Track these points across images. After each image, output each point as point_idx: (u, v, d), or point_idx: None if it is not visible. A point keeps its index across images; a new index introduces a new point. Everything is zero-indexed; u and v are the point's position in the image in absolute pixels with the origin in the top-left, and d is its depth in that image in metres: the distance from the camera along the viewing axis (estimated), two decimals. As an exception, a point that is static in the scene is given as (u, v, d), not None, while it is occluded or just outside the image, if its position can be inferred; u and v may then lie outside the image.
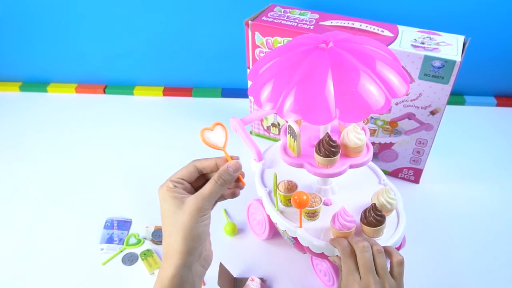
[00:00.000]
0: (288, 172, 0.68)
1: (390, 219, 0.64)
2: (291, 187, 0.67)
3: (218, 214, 0.83)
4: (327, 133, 0.58)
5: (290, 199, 0.65)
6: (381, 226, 0.60)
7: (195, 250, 0.49)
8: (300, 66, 0.53)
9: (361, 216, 0.61)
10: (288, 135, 0.62)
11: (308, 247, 0.64)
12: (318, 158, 0.59)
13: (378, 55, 0.55)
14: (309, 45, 0.55)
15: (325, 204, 0.67)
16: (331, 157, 0.58)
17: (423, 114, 0.79)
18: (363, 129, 0.65)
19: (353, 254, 0.56)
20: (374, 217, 0.59)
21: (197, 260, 0.50)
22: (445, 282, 0.71)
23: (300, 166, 0.61)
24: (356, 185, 0.70)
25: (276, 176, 0.64)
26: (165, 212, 0.50)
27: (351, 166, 0.60)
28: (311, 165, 0.60)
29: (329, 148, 0.57)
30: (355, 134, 0.59)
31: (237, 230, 0.79)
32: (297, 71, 0.53)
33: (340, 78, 0.51)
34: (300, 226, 0.64)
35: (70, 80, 1.21)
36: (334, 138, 0.58)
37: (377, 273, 0.54)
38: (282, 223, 0.66)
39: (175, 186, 0.50)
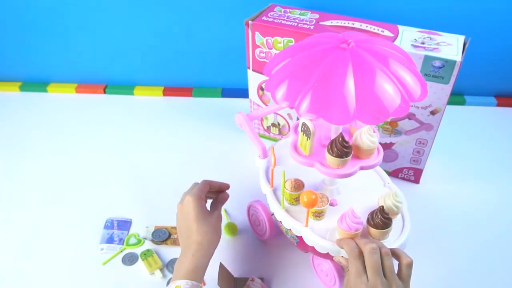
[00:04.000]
0: (293, 170, 0.68)
1: (395, 222, 0.64)
2: (298, 185, 0.67)
3: (218, 214, 0.83)
4: (341, 133, 0.58)
5: (296, 198, 0.65)
6: (387, 229, 0.59)
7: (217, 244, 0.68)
8: (320, 65, 0.53)
9: (367, 218, 0.61)
10: (301, 133, 0.61)
11: (313, 247, 0.64)
12: (330, 158, 0.58)
13: (397, 57, 0.55)
14: (329, 44, 0.55)
15: (331, 204, 0.67)
16: (343, 158, 0.57)
17: (423, 114, 0.79)
18: (374, 131, 0.65)
19: (361, 256, 0.56)
20: (381, 219, 0.59)
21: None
22: (445, 283, 0.71)
23: (311, 165, 0.61)
24: (360, 187, 0.69)
25: (285, 174, 0.64)
26: (198, 212, 0.66)
27: (361, 168, 0.60)
28: (322, 165, 0.60)
29: (341, 149, 0.57)
30: (368, 137, 0.59)
31: (237, 230, 0.79)
32: (316, 69, 0.53)
33: (361, 79, 0.51)
34: (306, 226, 0.64)
35: (70, 80, 1.21)
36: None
37: (384, 275, 0.54)
38: (287, 222, 0.66)
39: (202, 197, 0.69)
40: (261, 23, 0.82)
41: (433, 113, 0.78)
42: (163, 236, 0.78)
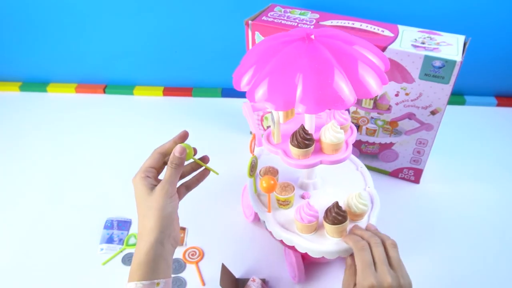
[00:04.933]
0: (279, 163, 0.69)
1: (359, 224, 0.65)
2: (270, 172, 0.69)
3: (220, 218, 0.83)
4: (302, 125, 0.59)
5: None
6: (341, 225, 0.60)
7: (166, 228, 0.56)
8: (277, 55, 0.54)
9: (324, 213, 0.62)
10: (271, 122, 0.63)
11: (271, 231, 0.66)
12: (291, 148, 0.60)
13: (360, 55, 0.56)
14: (294, 36, 0.56)
15: (303, 197, 0.69)
16: (302, 149, 0.59)
17: (424, 114, 0.79)
18: (350, 128, 0.66)
19: (366, 248, 0.57)
20: (334, 216, 0.59)
21: (167, 238, 0.56)
22: (445, 282, 0.71)
23: (276, 153, 0.63)
24: (340, 186, 0.71)
25: (253, 160, 0.66)
26: (138, 198, 0.57)
27: (321, 162, 0.61)
28: (284, 153, 0.62)
29: (302, 140, 0.58)
30: (333, 133, 0.60)
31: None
32: (273, 59, 0.54)
33: (312, 71, 0.52)
34: (269, 211, 0.66)
35: (70, 80, 1.21)
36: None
37: (391, 265, 0.55)
38: (255, 205, 0.68)
39: (147, 176, 0.58)
40: (261, 23, 0.81)
41: (433, 113, 0.78)
42: (163, 236, 0.78)
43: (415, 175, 0.89)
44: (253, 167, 0.67)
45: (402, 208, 0.84)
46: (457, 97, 1.11)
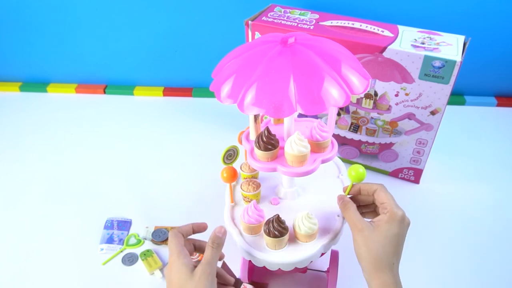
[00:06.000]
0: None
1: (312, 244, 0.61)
2: (252, 182, 0.67)
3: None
4: (267, 127, 0.59)
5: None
6: (281, 238, 0.58)
7: None
8: (262, 62, 0.54)
9: (263, 227, 0.60)
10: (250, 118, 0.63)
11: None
12: (255, 148, 0.60)
13: (339, 53, 0.56)
14: (271, 42, 0.56)
15: (271, 202, 0.68)
16: (260, 150, 0.58)
17: (423, 114, 0.79)
18: (332, 143, 0.63)
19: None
20: (276, 228, 0.58)
21: None
22: (444, 282, 0.71)
23: (249, 149, 0.62)
24: (315, 194, 0.69)
25: (232, 149, 0.65)
26: (177, 279, 0.53)
27: (275, 170, 0.59)
28: (250, 150, 0.61)
29: (263, 144, 0.58)
30: (294, 144, 0.57)
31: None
32: (258, 66, 0.53)
33: (301, 72, 0.52)
34: (231, 202, 0.67)
35: (70, 80, 1.21)
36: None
37: None
38: (227, 194, 0.68)
39: (186, 254, 0.55)
40: (261, 23, 0.82)
41: (433, 113, 0.78)
42: (163, 236, 0.78)
43: (415, 175, 0.89)
44: (230, 156, 0.66)
45: (402, 208, 0.84)
46: (457, 97, 1.11)
